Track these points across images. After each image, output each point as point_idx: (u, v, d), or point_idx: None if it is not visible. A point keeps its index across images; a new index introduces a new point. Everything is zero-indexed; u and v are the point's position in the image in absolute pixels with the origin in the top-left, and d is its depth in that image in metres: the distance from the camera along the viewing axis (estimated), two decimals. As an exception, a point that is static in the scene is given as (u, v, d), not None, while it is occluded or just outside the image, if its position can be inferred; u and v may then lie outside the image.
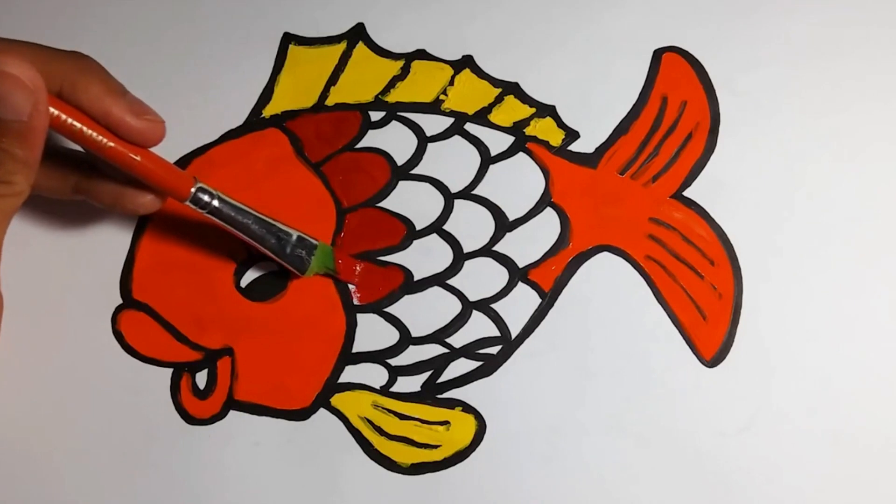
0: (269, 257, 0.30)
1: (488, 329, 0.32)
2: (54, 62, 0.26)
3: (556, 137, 0.34)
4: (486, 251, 0.33)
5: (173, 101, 0.35)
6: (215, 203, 0.28)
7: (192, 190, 0.28)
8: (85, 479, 0.31)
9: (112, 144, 0.26)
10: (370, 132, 0.34)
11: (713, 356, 0.31)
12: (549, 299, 0.32)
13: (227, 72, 0.35)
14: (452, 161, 0.34)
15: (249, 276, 0.33)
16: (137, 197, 0.29)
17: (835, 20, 0.34)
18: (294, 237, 0.30)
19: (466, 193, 0.33)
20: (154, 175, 0.27)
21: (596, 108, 0.34)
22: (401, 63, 0.35)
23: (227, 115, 0.34)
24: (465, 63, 0.34)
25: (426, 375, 0.32)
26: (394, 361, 0.32)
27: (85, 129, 0.25)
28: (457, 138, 0.34)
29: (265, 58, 0.35)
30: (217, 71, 0.35)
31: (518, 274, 0.32)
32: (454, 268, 0.33)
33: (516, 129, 0.34)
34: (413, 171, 0.33)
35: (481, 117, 0.34)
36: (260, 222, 0.29)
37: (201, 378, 0.32)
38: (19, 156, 0.24)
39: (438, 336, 0.32)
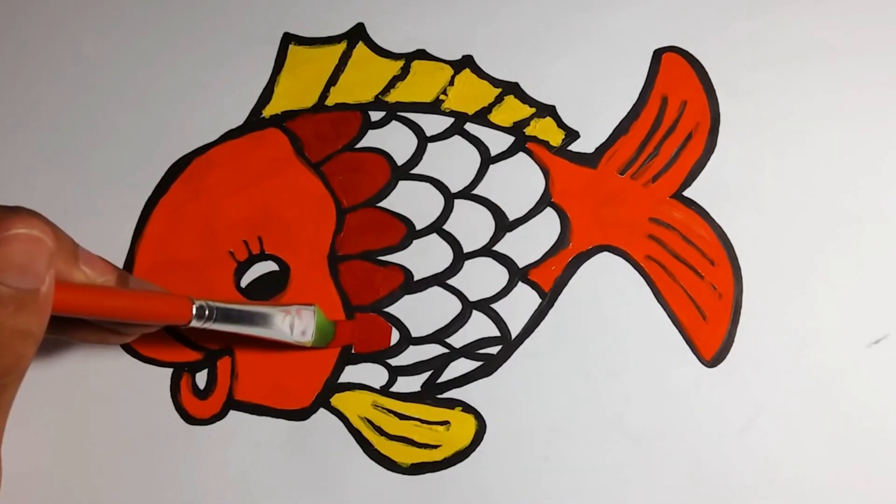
0: (275, 341, 0.30)
1: (488, 329, 0.32)
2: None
3: (556, 137, 0.34)
4: (486, 251, 0.33)
5: (173, 101, 0.35)
6: (216, 312, 0.28)
7: (193, 311, 0.27)
8: (85, 478, 0.31)
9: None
10: (370, 132, 0.34)
11: (713, 356, 0.31)
12: (549, 299, 0.32)
13: (227, 72, 0.35)
14: (452, 161, 0.34)
15: (249, 276, 0.33)
16: (123, 334, 0.28)
17: (835, 19, 0.34)
18: (294, 314, 0.30)
19: (466, 193, 0.33)
20: (154, 317, 0.26)
21: (596, 108, 0.34)
22: (401, 63, 0.35)
23: (227, 115, 0.34)
24: (465, 63, 0.34)
25: (426, 375, 0.32)
26: (394, 361, 0.32)
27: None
28: (457, 138, 0.34)
29: (265, 58, 0.35)
30: (217, 71, 0.35)
31: (518, 274, 0.32)
32: (454, 268, 0.33)
33: (516, 129, 0.34)
34: (413, 171, 0.33)
35: (481, 117, 0.34)
36: (260, 315, 0.29)
37: (201, 378, 0.32)
38: (35, 332, 0.21)
39: (438, 336, 0.32)
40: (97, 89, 0.35)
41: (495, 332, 0.32)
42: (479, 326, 0.32)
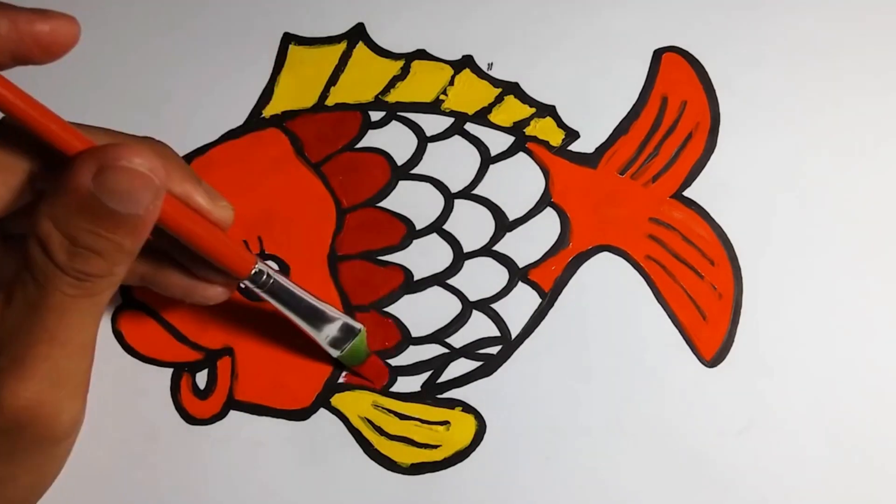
0: (308, 336, 0.30)
1: (488, 329, 0.32)
2: (136, 144, 0.26)
3: (556, 137, 0.34)
4: (486, 251, 0.33)
5: (173, 101, 0.35)
6: (272, 283, 0.28)
7: (253, 270, 0.28)
8: (85, 478, 0.31)
9: (191, 224, 0.26)
10: (370, 132, 0.34)
11: (713, 356, 0.31)
12: (549, 299, 0.32)
13: (227, 72, 0.35)
14: (452, 161, 0.34)
15: (249, 276, 0.33)
16: (207, 290, 0.29)
17: (835, 19, 0.34)
18: (338, 324, 0.30)
19: (466, 193, 0.33)
20: (219, 253, 0.27)
21: (596, 108, 0.34)
22: (401, 63, 0.35)
23: (227, 115, 0.34)
24: (465, 63, 0.34)
25: (426, 375, 0.32)
26: (394, 361, 0.32)
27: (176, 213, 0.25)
28: (457, 138, 0.34)
29: (265, 58, 0.35)
30: (217, 71, 0.35)
31: (518, 274, 0.32)
32: (454, 268, 0.33)
33: (516, 129, 0.34)
34: (413, 171, 0.33)
35: (481, 117, 0.34)
36: (310, 308, 0.29)
37: (201, 378, 0.32)
38: (127, 248, 0.23)
39: (438, 336, 0.32)
40: (96, 89, 0.35)
41: (495, 332, 0.32)
42: (479, 326, 0.32)
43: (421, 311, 0.32)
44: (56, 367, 0.24)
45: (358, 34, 0.35)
